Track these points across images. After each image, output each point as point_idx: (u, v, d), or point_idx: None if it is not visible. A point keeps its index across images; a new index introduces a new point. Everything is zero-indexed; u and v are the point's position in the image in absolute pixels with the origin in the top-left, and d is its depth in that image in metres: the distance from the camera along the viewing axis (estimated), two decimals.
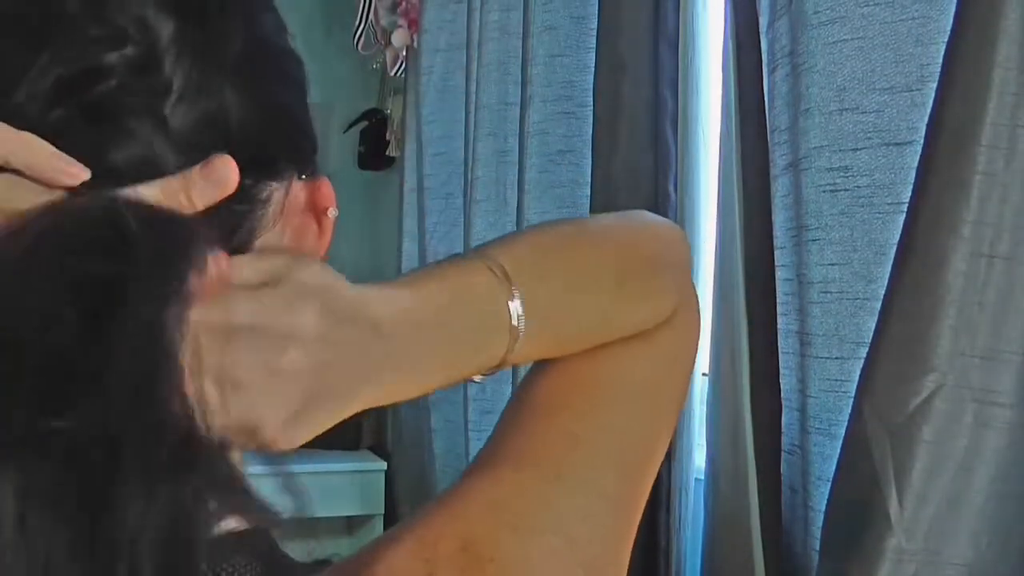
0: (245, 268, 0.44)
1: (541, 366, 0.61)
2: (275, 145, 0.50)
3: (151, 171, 0.44)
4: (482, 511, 0.53)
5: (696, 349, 0.67)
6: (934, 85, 1.14)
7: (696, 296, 0.67)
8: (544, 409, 0.59)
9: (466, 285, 0.52)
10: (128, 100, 0.44)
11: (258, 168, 0.49)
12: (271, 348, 0.43)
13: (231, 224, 0.48)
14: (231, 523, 0.48)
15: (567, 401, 0.59)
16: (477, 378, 0.55)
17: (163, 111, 0.45)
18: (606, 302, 0.60)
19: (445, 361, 0.52)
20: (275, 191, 0.50)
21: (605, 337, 0.60)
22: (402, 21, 2.75)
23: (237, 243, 0.48)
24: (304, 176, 0.53)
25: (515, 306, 0.53)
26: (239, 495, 0.42)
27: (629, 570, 0.57)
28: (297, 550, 2.78)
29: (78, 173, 0.43)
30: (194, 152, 0.45)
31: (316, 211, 0.53)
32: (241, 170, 0.46)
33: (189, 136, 0.46)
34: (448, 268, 0.53)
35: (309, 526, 3.00)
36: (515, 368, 0.63)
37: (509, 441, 0.58)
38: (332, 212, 0.53)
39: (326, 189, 0.54)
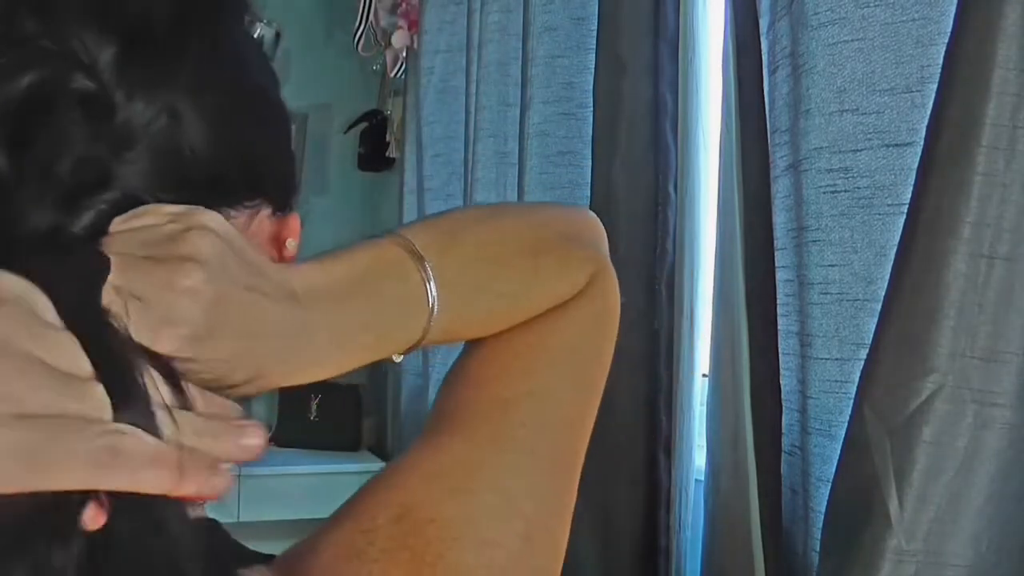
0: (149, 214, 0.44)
1: (470, 345, 0.63)
2: (232, 171, 0.50)
3: (99, 183, 0.44)
4: (418, 480, 0.55)
5: (616, 313, 0.68)
6: (934, 86, 1.14)
7: (611, 266, 0.68)
8: (475, 380, 0.61)
9: (377, 260, 0.53)
10: (67, 121, 0.44)
11: (212, 193, 0.49)
12: (171, 269, 0.42)
13: None
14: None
15: (495, 372, 0.61)
16: (396, 357, 0.55)
17: (105, 130, 0.45)
18: (520, 273, 0.61)
19: (364, 335, 0.52)
20: (233, 219, 0.50)
21: (523, 309, 0.61)
22: (402, 22, 2.76)
23: None
24: (277, 214, 0.54)
25: (427, 279, 0.54)
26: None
27: (628, 570, 0.58)
28: None
29: None
30: (130, 165, 0.45)
31: (279, 242, 0.54)
32: (186, 186, 0.47)
33: (128, 141, 0.45)
34: (358, 247, 0.53)
35: (309, 527, 2.99)
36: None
37: (444, 414, 0.60)
38: (291, 243, 0.55)
39: (293, 223, 0.55)
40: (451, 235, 0.58)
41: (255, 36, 0.55)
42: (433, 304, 0.54)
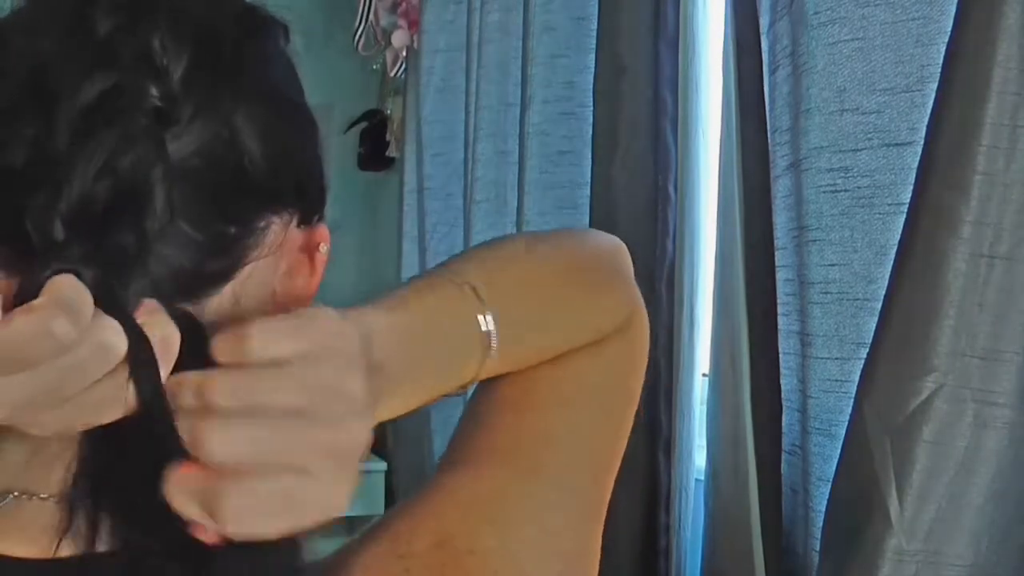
0: (274, 342, 0.43)
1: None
2: (280, 180, 0.50)
3: (143, 182, 0.44)
4: (458, 507, 0.55)
5: (645, 357, 0.68)
6: (934, 86, 1.14)
7: (643, 305, 0.69)
8: (511, 407, 0.60)
9: (444, 312, 0.53)
10: (132, 121, 0.44)
11: (260, 197, 0.49)
12: (330, 429, 0.44)
13: (221, 243, 0.47)
14: None
15: (532, 401, 0.60)
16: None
17: (164, 135, 0.45)
18: (573, 311, 0.62)
19: (425, 384, 0.52)
20: (273, 224, 0.51)
21: (569, 344, 0.62)
22: (402, 22, 2.76)
23: (224, 264, 0.48)
24: (306, 225, 0.53)
25: (489, 327, 0.54)
26: None
27: (628, 570, 0.58)
28: None
29: None
30: (192, 175, 0.45)
31: (310, 250, 0.54)
32: (244, 194, 0.47)
33: (190, 153, 0.46)
34: (424, 291, 0.53)
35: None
36: None
37: (481, 438, 0.59)
38: (324, 248, 0.54)
39: (323, 230, 0.55)
40: (512, 276, 0.58)
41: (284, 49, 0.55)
42: (491, 347, 0.54)
